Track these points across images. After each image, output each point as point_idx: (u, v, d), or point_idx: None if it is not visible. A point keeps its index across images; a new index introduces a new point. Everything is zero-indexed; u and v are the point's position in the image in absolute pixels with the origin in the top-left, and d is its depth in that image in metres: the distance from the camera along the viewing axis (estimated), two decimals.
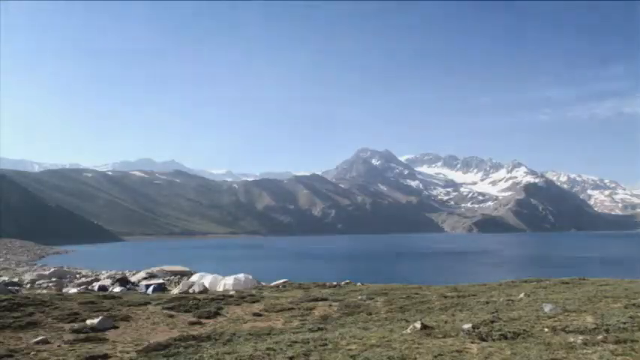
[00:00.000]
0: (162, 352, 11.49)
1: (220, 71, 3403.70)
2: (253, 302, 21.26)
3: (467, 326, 9.49)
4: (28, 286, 43.19)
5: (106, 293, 27.10)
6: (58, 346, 12.41)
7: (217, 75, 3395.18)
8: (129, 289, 34.50)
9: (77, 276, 57.79)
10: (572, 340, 8.02)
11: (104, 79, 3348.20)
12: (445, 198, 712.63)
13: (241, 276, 34.33)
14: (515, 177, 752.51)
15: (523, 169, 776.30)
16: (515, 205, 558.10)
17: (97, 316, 15.52)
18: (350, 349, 8.69)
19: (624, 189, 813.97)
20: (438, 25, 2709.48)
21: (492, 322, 10.32)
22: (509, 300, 15.40)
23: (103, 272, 64.99)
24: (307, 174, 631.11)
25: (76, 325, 14.92)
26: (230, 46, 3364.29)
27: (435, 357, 7.64)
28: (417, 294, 21.51)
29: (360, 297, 21.61)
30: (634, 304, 11.19)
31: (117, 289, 34.59)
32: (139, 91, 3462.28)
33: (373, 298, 20.76)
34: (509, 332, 8.83)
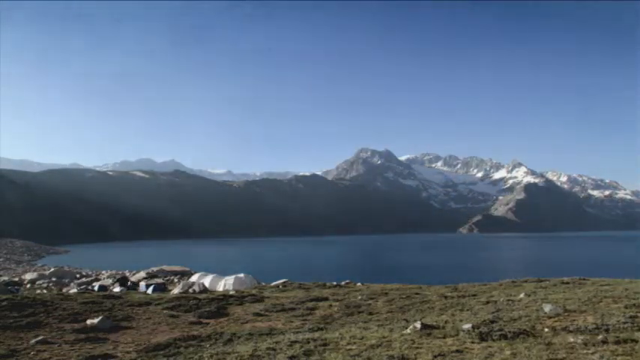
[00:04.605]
0: (162, 352, 11.52)
1: (220, 71, 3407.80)
2: (254, 302, 21.27)
3: (467, 326, 9.50)
4: (29, 286, 43.25)
5: (107, 293, 27.10)
6: (59, 346, 12.43)
7: (217, 74, 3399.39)
8: (129, 289, 34.50)
9: (77, 276, 57.84)
10: (572, 340, 8.03)
11: (104, 79, 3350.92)
12: (445, 198, 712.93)
13: (242, 276, 34.30)
14: (516, 177, 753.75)
15: (523, 169, 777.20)
16: (515, 205, 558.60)
17: (98, 316, 15.54)
18: (350, 349, 8.70)
19: (624, 189, 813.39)
20: (438, 25, 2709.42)
21: (493, 322, 10.33)
22: (509, 300, 15.39)
23: (103, 272, 65.06)
24: (308, 174, 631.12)
25: (76, 325, 14.94)
26: (230, 45, 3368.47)
27: (435, 357, 7.65)
28: (417, 294, 21.52)
29: (360, 297, 21.62)
30: (634, 304, 11.19)
31: (117, 289, 34.60)
32: (139, 91, 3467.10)
33: (374, 298, 20.77)
34: (510, 332, 8.84)
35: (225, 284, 33.12)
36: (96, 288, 34.82)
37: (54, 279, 49.90)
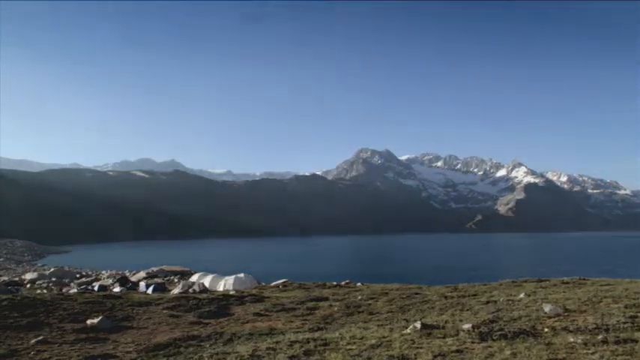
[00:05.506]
0: (162, 352, 11.52)
1: (220, 71, 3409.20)
2: (254, 302, 21.27)
3: (467, 326, 9.50)
4: (29, 286, 43.23)
5: (107, 293, 27.11)
6: (59, 346, 12.43)
7: (217, 74, 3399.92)
8: (129, 289, 34.51)
9: (77, 276, 57.83)
10: (572, 340, 8.03)
11: (104, 79, 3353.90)
12: (445, 198, 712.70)
13: (242, 276, 34.30)
14: (516, 177, 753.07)
15: (523, 169, 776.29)
16: (515, 204, 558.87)
17: (98, 316, 15.54)
18: (350, 349, 8.71)
19: (624, 189, 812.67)
20: (438, 25, 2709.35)
21: (493, 322, 10.33)
22: (509, 300, 15.39)
23: (104, 272, 65.10)
24: (308, 174, 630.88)
25: (77, 325, 14.95)
26: (230, 45, 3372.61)
27: (435, 357, 7.65)
28: (417, 294, 21.51)
29: (360, 297, 21.62)
30: (634, 304, 11.19)
31: (117, 288, 34.61)
32: (139, 91, 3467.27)
33: (374, 298, 20.77)
34: (510, 332, 8.83)
35: (225, 284, 33.13)
36: (96, 288, 34.84)
37: (54, 279, 49.89)
